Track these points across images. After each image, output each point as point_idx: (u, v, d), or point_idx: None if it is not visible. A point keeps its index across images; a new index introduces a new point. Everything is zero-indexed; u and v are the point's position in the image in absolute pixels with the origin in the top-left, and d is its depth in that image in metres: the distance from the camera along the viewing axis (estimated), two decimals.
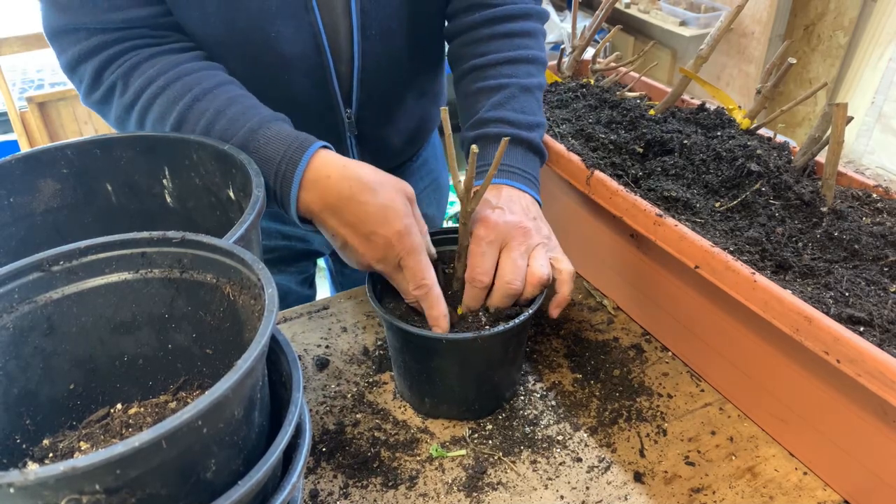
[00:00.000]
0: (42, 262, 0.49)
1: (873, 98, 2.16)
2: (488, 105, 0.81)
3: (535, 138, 0.81)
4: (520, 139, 0.79)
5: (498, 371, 0.72)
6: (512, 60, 0.84)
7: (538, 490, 0.67)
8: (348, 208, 0.68)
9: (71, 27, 0.72)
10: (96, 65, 0.73)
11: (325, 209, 0.69)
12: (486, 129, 0.80)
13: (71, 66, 0.75)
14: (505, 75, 0.83)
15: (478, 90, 0.83)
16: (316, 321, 0.89)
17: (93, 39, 0.73)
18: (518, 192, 0.76)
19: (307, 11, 0.77)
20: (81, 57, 0.74)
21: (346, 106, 0.87)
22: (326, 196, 0.68)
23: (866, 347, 0.54)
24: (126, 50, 0.74)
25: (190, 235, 0.50)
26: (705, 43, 0.85)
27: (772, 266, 0.68)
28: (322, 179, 0.68)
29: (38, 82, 2.54)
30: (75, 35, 0.73)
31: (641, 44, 3.05)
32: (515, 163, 0.79)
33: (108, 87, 0.74)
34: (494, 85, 0.82)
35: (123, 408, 0.55)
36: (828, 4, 2.52)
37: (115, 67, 0.74)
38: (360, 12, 0.79)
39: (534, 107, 0.83)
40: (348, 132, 0.90)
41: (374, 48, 0.83)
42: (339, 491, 0.67)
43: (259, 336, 0.40)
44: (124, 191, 0.72)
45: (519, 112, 0.80)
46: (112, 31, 0.73)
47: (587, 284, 0.95)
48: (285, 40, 0.78)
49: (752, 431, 0.73)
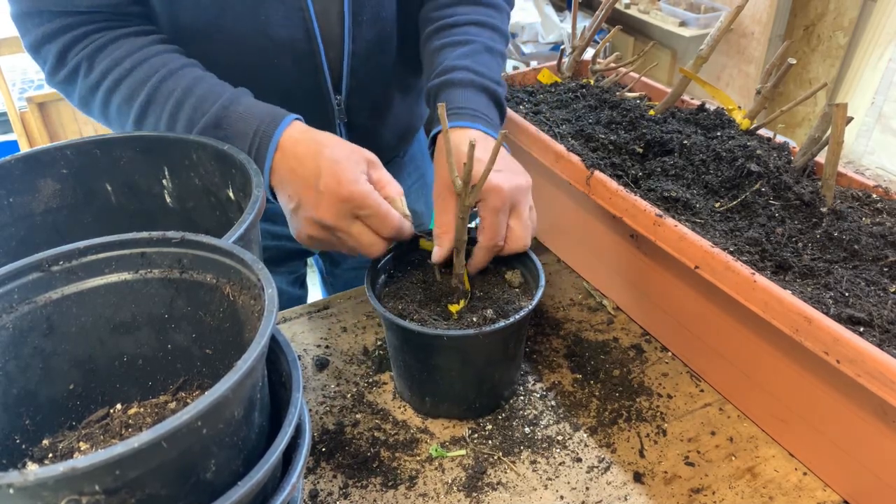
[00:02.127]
0: (42, 263, 0.48)
1: (873, 98, 2.16)
2: (453, 56, 0.83)
3: (499, 91, 0.82)
4: (484, 87, 0.80)
5: (498, 368, 0.72)
6: (477, 23, 0.87)
7: (538, 490, 0.67)
8: (305, 164, 0.69)
9: (35, 10, 0.73)
10: (60, 46, 0.74)
11: (286, 171, 0.70)
12: (452, 76, 0.80)
13: (35, 47, 0.76)
14: (471, 34, 0.85)
15: (443, 45, 0.85)
16: (316, 321, 0.89)
17: (56, 21, 0.74)
18: (491, 140, 0.76)
19: None
20: (45, 38, 0.74)
21: (336, 92, 0.88)
22: (289, 160, 0.70)
23: (866, 348, 0.54)
24: (90, 32, 0.75)
25: (190, 235, 0.50)
26: (705, 43, 0.85)
27: (772, 266, 0.68)
28: (290, 147, 0.70)
29: (38, 82, 2.54)
30: (39, 17, 0.74)
31: (641, 44, 3.05)
32: (481, 108, 0.79)
33: (73, 67, 0.75)
34: (460, 40, 0.84)
35: (123, 408, 0.55)
36: (828, 5, 2.52)
37: (79, 48, 0.75)
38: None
39: (496, 68, 0.84)
40: (338, 119, 0.91)
41: (365, 34, 0.84)
42: (338, 491, 0.67)
43: (259, 336, 0.40)
44: (124, 191, 0.72)
45: (483, 66, 0.82)
46: (75, 15, 0.74)
47: (587, 284, 0.95)
48: (276, 24, 0.78)
49: (751, 432, 0.73)
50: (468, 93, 0.80)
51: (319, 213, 0.68)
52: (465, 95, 0.79)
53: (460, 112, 0.78)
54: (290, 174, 0.70)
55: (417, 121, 1.08)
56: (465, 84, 0.80)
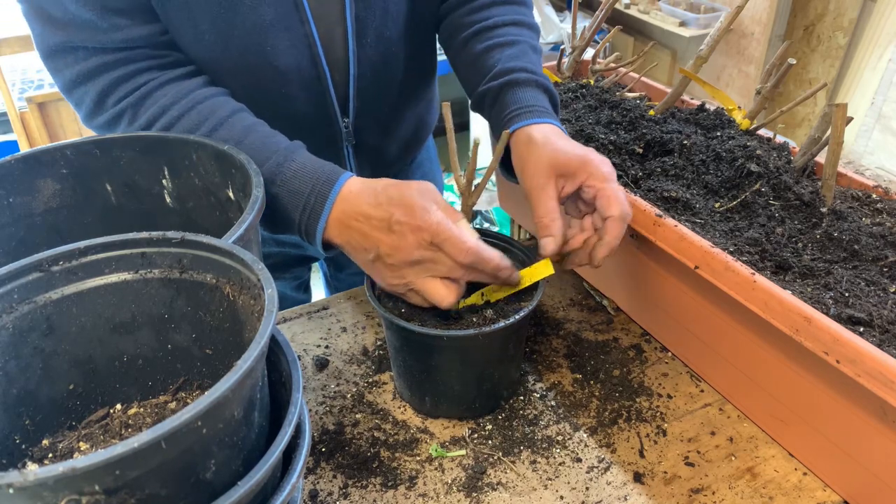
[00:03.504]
0: (42, 263, 0.48)
1: (873, 99, 2.16)
2: (505, 57, 0.81)
3: (553, 89, 0.81)
4: (544, 86, 0.80)
5: (498, 369, 0.72)
6: (516, 23, 0.86)
7: (538, 490, 0.67)
8: (367, 218, 0.66)
9: (69, 46, 0.70)
10: (99, 88, 0.71)
11: (348, 230, 0.68)
12: (513, 76, 0.79)
13: (68, 88, 0.73)
14: (514, 34, 0.84)
15: (489, 47, 0.83)
16: (315, 321, 0.89)
17: (92, 60, 0.70)
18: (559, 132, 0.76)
19: (302, 24, 0.76)
20: (80, 78, 0.71)
21: (344, 115, 0.87)
22: (348, 218, 0.67)
23: (866, 348, 0.54)
24: (130, 74, 0.72)
25: (190, 235, 0.50)
26: (705, 43, 0.85)
27: (771, 266, 0.68)
28: (351, 206, 0.68)
29: (38, 82, 2.54)
30: (73, 55, 0.71)
31: (641, 44, 3.05)
32: (547, 106, 0.79)
33: (116, 114, 0.73)
34: (507, 41, 0.83)
35: (123, 408, 0.55)
36: (827, 5, 2.52)
37: (122, 93, 0.72)
38: (355, 19, 0.78)
39: (541, 66, 0.84)
40: (345, 142, 0.90)
41: (370, 55, 0.83)
42: (338, 491, 0.67)
43: (259, 336, 0.40)
44: (124, 191, 0.72)
45: (534, 65, 0.81)
46: (112, 52, 0.71)
47: (587, 284, 0.95)
48: (280, 54, 0.77)
49: (751, 432, 0.73)
50: (533, 91, 0.79)
51: (402, 253, 0.65)
52: (531, 94, 0.79)
53: (532, 110, 0.77)
54: (358, 227, 0.67)
55: (426, 130, 1.06)
56: (530, 83, 0.79)
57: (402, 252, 0.65)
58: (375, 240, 0.66)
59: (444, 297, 0.66)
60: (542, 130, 0.73)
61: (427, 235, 0.64)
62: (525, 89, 0.79)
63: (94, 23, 0.68)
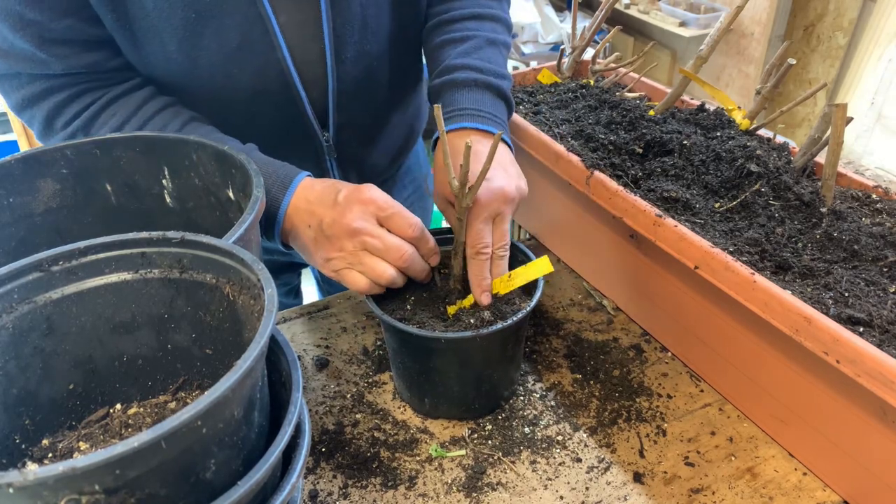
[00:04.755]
0: (42, 263, 0.49)
1: (873, 99, 2.16)
2: (454, 54, 0.81)
3: (503, 86, 0.81)
4: (487, 84, 0.79)
5: (497, 370, 0.72)
6: (477, 16, 0.85)
7: (538, 490, 0.67)
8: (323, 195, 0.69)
9: (12, 72, 0.70)
10: (45, 111, 0.72)
11: (303, 211, 0.70)
12: (454, 75, 0.79)
13: (17, 110, 0.73)
14: (470, 29, 0.83)
15: (443, 42, 0.83)
16: (316, 321, 0.89)
17: (36, 84, 0.70)
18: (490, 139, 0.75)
19: (273, 49, 0.74)
20: (25, 102, 0.72)
21: (324, 130, 0.86)
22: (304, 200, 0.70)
23: (866, 348, 0.54)
24: (75, 95, 0.72)
25: (190, 235, 0.50)
26: (705, 44, 0.85)
27: (771, 266, 0.68)
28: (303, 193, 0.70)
29: None
30: (17, 79, 0.70)
31: (641, 44, 3.05)
32: (485, 107, 0.78)
33: (67, 136, 0.73)
34: (460, 37, 0.83)
35: (123, 408, 0.55)
36: (827, 5, 2.52)
37: (68, 115, 0.72)
38: (333, 37, 0.77)
39: (500, 60, 0.83)
40: (327, 155, 0.89)
41: (350, 71, 0.81)
42: (338, 491, 0.67)
43: (259, 336, 0.40)
44: (124, 191, 0.72)
45: (486, 61, 0.81)
46: (55, 77, 0.71)
47: (587, 284, 0.95)
48: (249, 77, 0.76)
49: (751, 432, 0.73)
50: (471, 93, 0.78)
51: (345, 220, 0.66)
52: (467, 95, 0.78)
53: (462, 113, 0.77)
54: (306, 207, 0.69)
55: (414, 137, 1.05)
56: (468, 84, 0.78)
57: (342, 222, 0.67)
58: (319, 214, 0.68)
59: (389, 272, 0.67)
60: (458, 140, 0.74)
61: (373, 208, 0.67)
62: (463, 90, 0.78)
63: (34, 53, 0.67)
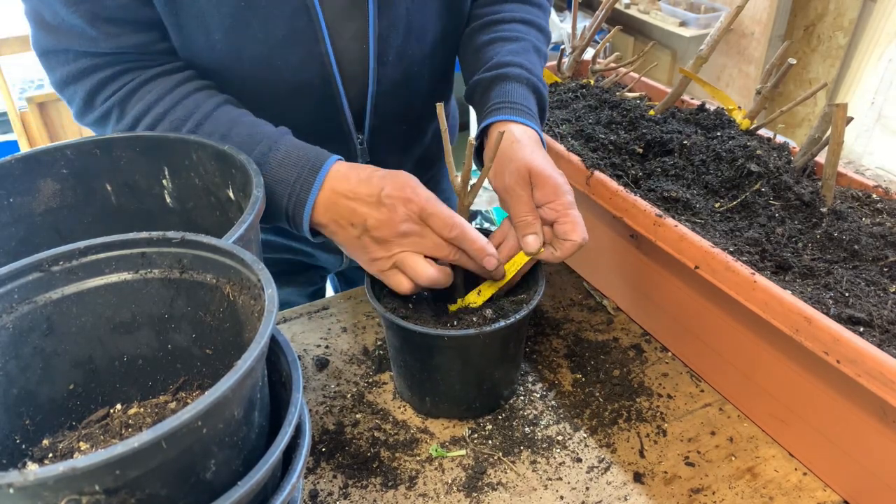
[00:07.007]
0: (42, 263, 0.48)
1: (873, 98, 2.16)
2: (506, 51, 0.81)
3: (545, 93, 0.82)
4: (535, 87, 0.80)
5: (498, 368, 0.72)
6: (526, 21, 0.86)
7: (538, 490, 0.67)
8: (356, 194, 0.67)
9: (60, 48, 0.71)
10: (88, 87, 0.72)
11: (335, 207, 0.69)
12: (506, 70, 0.79)
13: (59, 86, 0.74)
14: (521, 32, 0.85)
15: (493, 39, 0.84)
16: (316, 321, 0.89)
17: (81, 61, 0.71)
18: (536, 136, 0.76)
19: (317, 42, 0.75)
20: (70, 78, 0.72)
21: (359, 132, 0.86)
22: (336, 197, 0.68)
23: (866, 348, 0.54)
24: (118, 74, 0.72)
25: (190, 235, 0.50)
26: (705, 43, 0.85)
27: (772, 266, 0.68)
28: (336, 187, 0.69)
29: (38, 82, 2.54)
30: (64, 55, 0.71)
31: (641, 44, 3.05)
32: (532, 107, 0.78)
33: (103, 112, 0.73)
34: (511, 37, 0.83)
35: (123, 408, 0.55)
36: (828, 5, 2.52)
37: (108, 92, 0.72)
38: (377, 39, 0.77)
39: (540, 70, 0.83)
40: (360, 159, 0.88)
41: (391, 74, 0.82)
42: (338, 491, 0.67)
43: (259, 336, 0.40)
44: (124, 191, 0.72)
45: (532, 65, 0.81)
46: (102, 56, 0.71)
47: (587, 284, 0.95)
48: (292, 69, 0.76)
49: (751, 432, 0.73)
50: (522, 89, 0.79)
51: (391, 223, 0.66)
52: (519, 91, 0.78)
53: (513, 106, 0.77)
54: (346, 204, 0.68)
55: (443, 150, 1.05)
56: (521, 80, 0.79)
57: (390, 224, 0.66)
58: (363, 214, 0.67)
59: (430, 273, 0.67)
60: (526, 132, 0.74)
61: (416, 208, 0.66)
62: (515, 85, 0.78)
63: (84, 30, 0.68)
